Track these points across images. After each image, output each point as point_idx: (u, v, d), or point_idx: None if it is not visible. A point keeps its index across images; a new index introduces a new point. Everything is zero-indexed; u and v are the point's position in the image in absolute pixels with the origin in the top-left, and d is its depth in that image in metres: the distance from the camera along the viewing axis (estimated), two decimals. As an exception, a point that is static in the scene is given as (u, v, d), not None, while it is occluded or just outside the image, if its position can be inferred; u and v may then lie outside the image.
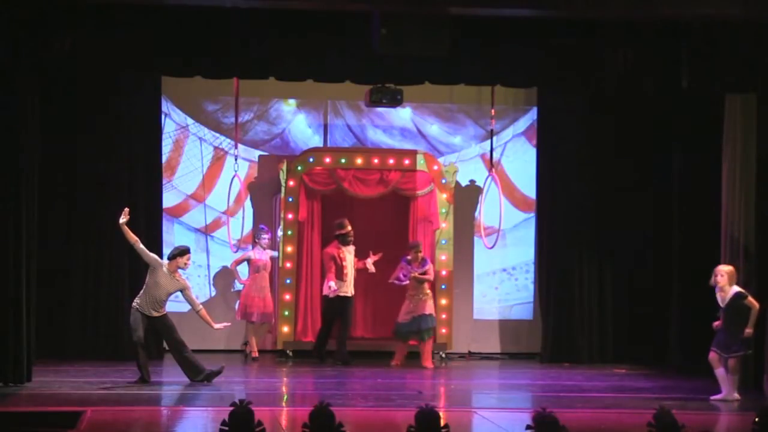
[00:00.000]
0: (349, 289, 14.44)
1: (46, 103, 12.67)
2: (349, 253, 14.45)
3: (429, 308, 14.18)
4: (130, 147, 14.55)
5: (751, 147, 12.71)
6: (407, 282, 14.13)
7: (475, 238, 15.65)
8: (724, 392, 11.71)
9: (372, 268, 14.66)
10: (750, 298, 11.67)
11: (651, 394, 12.23)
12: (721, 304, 11.72)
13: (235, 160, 14.50)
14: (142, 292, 12.36)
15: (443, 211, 15.16)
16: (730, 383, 11.65)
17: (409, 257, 14.24)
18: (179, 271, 12.45)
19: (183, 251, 12.47)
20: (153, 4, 11.62)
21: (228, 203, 14.62)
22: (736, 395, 11.64)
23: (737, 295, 11.66)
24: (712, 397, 11.77)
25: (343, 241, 14.43)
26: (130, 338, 12.49)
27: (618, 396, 12.21)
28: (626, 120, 15.08)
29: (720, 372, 11.75)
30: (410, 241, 14.63)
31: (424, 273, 14.16)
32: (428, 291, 14.25)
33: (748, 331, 11.57)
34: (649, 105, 14.54)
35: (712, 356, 11.77)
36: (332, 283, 14.28)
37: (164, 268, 12.34)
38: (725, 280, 11.69)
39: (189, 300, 12.53)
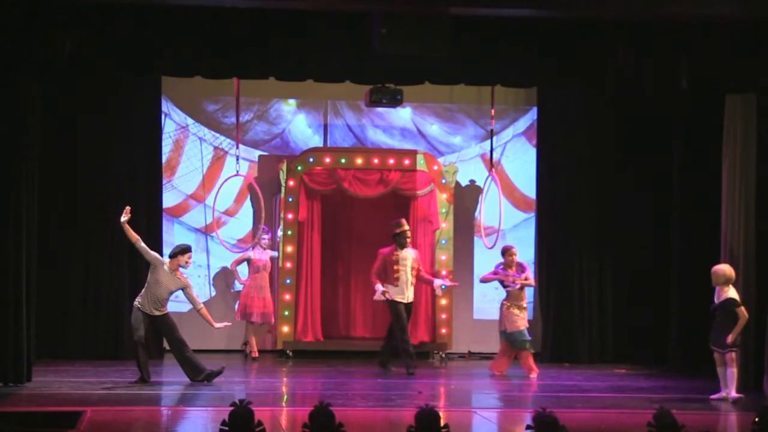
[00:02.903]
0: (405, 295, 13.59)
1: (46, 103, 12.67)
2: (404, 258, 13.66)
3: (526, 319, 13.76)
4: (130, 147, 14.55)
5: (751, 147, 12.71)
6: (518, 286, 13.54)
7: (475, 238, 15.64)
8: (722, 390, 11.71)
9: (439, 292, 14.28)
10: (741, 309, 11.63)
11: (651, 394, 12.22)
12: (716, 302, 11.75)
13: (237, 160, 14.45)
14: (143, 290, 12.37)
15: (443, 211, 15.16)
16: (729, 380, 11.63)
17: (503, 262, 13.67)
18: (180, 269, 12.46)
19: (184, 249, 12.48)
20: (153, 4, 11.62)
21: (213, 201, 14.51)
22: (735, 394, 11.58)
23: (729, 300, 11.65)
24: (712, 397, 11.77)
25: (399, 242, 13.65)
26: (131, 337, 12.52)
27: (618, 396, 12.20)
28: (626, 120, 15.08)
29: (721, 370, 11.75)
30: (504, 247, 13.91)
31: (527, 279, 13.70)
32: (525, 303, 13.73)
33: (729, 339, 11.54)
34: (649, 105, 14.54)
35: (716, 356, 11.78)
36: (379, 286, 13.56)
37: (165, 267, 12.34)
38: (720, 281, 11.70)
39: (190, 298, 12.55)
